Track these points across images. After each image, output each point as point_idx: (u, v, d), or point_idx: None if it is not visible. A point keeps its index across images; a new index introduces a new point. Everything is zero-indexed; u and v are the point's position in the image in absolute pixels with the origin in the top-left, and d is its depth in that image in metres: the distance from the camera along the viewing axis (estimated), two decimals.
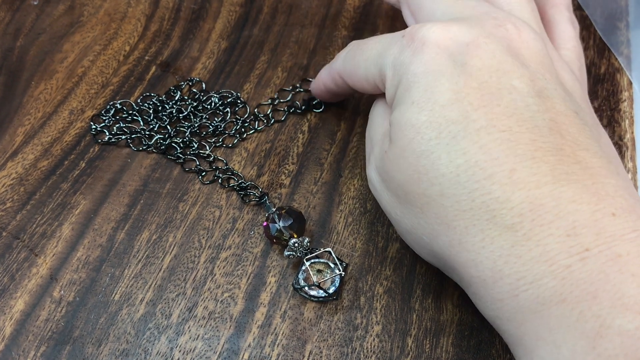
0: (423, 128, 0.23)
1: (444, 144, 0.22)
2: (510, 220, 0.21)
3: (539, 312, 0.20)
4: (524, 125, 0.22)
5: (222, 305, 0.28)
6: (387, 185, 0.25)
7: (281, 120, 0.36)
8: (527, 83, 0.23)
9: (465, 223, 0.22)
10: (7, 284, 0.29)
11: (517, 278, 0.21)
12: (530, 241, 0.21)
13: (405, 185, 0.24)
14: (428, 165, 0.23)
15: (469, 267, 0.22)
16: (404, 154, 0.24)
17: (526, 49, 0.24)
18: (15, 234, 0.31)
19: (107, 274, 0.29)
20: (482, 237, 0.22)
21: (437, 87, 0.23)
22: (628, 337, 0.18)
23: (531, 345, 0.21)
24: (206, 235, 0.31)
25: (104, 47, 0.41)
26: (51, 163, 0.34)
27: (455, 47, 0.24)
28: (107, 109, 0.37)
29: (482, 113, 0.22)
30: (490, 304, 0.22)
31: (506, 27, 0.24)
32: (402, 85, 0.25)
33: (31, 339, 0.27)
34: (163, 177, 0.33)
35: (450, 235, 0.23)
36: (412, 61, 0.24)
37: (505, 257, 0.21)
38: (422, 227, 0.24)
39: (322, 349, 0.27)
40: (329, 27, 0.42)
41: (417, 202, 0.24)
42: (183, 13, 0.43)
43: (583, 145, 0.22)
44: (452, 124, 0.22)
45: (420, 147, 0.23)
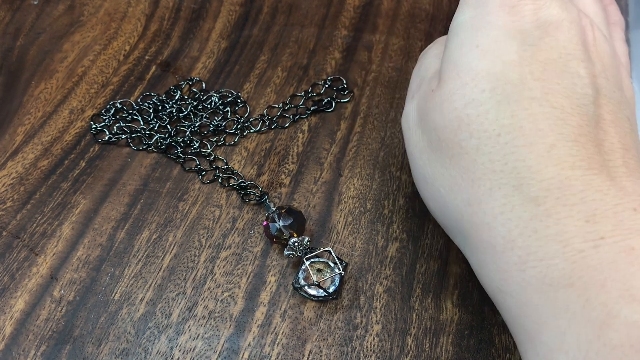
0: (480, 76, 0.23)
1: (496, 100, 0.22)
2: (535, 193, 0.21)
3: (545, 293, 0.20)
4: (576, 110, 0.22)
5: (222, 304, 0.28)
6: (423, 126, 0.25)
7: (284, 126, 0.36)
8: (590, 76, 0.23)
9: (491, 184, 0.22)
10: (7, 284, 0.29)
11: (527, 252, 0.20)
12: (550, 218, 0.20)
13: (442, 130, 0.23)
14: (473, 116, 0.22)
15: (482, 230, 0.22)
16: (451, 97, 0.23)
17: (596, 47, 0.24)
18: (15, 233, 0.31)
19: (107, 274, 0.30)
20: (504, 202, 0.21)
21: (506, 44, 0.23)
22: (634, 328, 0.18)
23: (533, 330, 0.20)
24: (206, 235, 0.31)
25: (104, 46, 0.41)
26: (51, 162, 0.34)
27: (539, 21, 0.24)
28: (107, 108, 0.37)
29: (540, 85, 0.22)
30: (495, 274, 0.22)
31: (586, 22, 0.25)
32: (475, 20, 0.24)
33: (31, 339, 0.27)
34: (163, 176, 0.34)
35: (472, 193, 0.22)
36: (496, 11, 0.24)
37: (521, 228, 0.21)
38: (445, 178, 0.23)
39: (322, 348, 0.27)
40: (329, 26, 0.42)
41: (449, 150, 0.23)
42: (183, 13, 0.43)
43: (626, 145, 0.23)
44: (509, 84, 0.22)
45: (471, 95, 0.23)
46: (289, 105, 0.37)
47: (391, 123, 0.36)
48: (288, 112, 0.36)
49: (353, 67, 0.39)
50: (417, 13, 0.43)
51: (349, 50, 0.40)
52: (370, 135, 0.35)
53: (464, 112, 0.23)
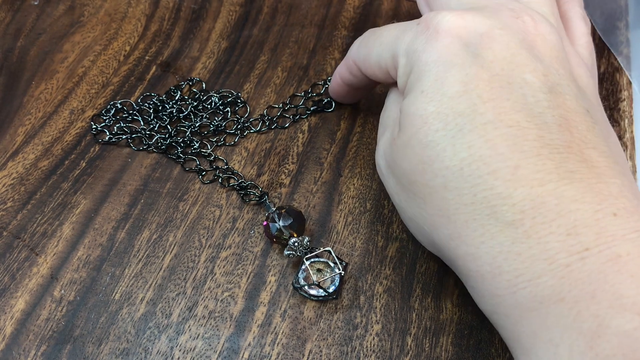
0: (430, 119, 0.23)
1: (450, 136, 0.22)
2: (511, 217, 0.21)
3: (537, 310, 0.20)
4: (532, 121, 0.22)
5: (222, 304, 0.28)
6: (392, 171, 0.26)
7: (284, 127, 0.36)
8: (539, 77, 0.23)
9: (465, 217, 0.22)
10: (7, 284, 0.29)
11: (515, 275, 0.21)
12: (531, 239, 0.20)
13: (409, 174, 0.24)
14: (433, 157, 0.23)
15: (468, 261, 0.22)
16: (410, 143, 0.24)
17: (542, 42, 0.24)
18: (16, 233, 0.31)
19: (108, 274, 0.30)
20: (482, 232, 0.21)
21: (447, 78, 0.23)
22: (626, 338, 0.18)
23: (528, 344, 0.21)
24: (206, 235, 0.31)
25: (104, 47, 0.41)
26: (52, 163, 0.34)
27: (469, 37, 0.23)
28: (108, 108, 0.37)
29: (490, 107, 0.22)
30: (488, 299, 0.22)
31: (523, 19, 0.24)
32: (414, 73, 0.24)
33: (32, 338, 0.27)
34: (163, 176, 0.34)
35: (451, 228, 0.22)
36: (425, 49, 0.24)
37: (505, 254, 0.21)
38: (424, 217, 0.24)
39: (321, 347, 0.27)
40: (329, 27, 0.42)
41: (420, 192, 0.24)
42: (183, 13, 0.43)
43: (591, 143, 0.22)
44: (459, 117, 0.22)
45: (426, 138, 0.23)
46: (289, 105, 0.37)
47: None
48: (288, 112, 0.37)
49: None
50: (417, 13, 0.43)
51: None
52: (370, 135, 0.35)
53: (425, 155, 0.23)
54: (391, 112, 0.28)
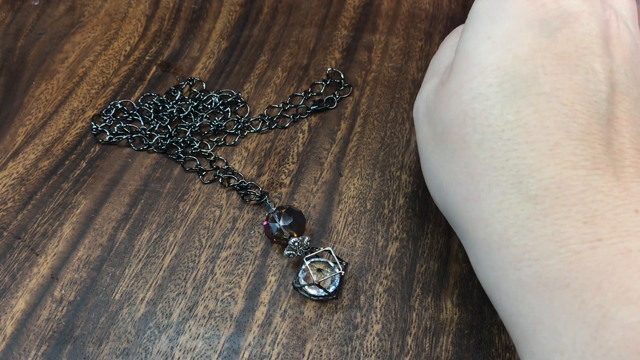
0: (488, 70, 0.22)
1: (503, 95, 0.22)
2: (534, 192, 0.21)
3: (540, 293, 0.20)
4: (586, 107, 0.21)
5: (222, 304, 0.28)
6: (430, 118, 0.25)
7: (284, 126, 0.36)
8: (606, 71, 0.22)
9: (490, 180, 0.21)
10: (8, 284, 0.29)
11: (523, 251, 0.20)
12: (547, 218, 0.20)
13: (447, 124, 0.23)
14: (478, 111, 0.22)
15: (478, 227, 0.22)
16: (459, 90, 0.23)
17: (618, 40, 0.24)
18: (16, 233, 0.31)
19: (108, 274, 0.30)
20: (502, 199, 0.21)
21: (520, 36, 0.22)
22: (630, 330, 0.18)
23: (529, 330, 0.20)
24: (206, 235, 0.31)
25: (104, 47, 0.41)
26: (52, 163, 0.34)
27: (557, 11, 0.23)
28: (108, 108, 0.37)
29: (550, 80, 0.22)
30: (491, 271, 0.22)
31: (610, 13, 0.24)
32: (492, 8, 0.23)
33: (32, 338, 0.27)
34: (163, 176, 0.34)
35: (471, 189, 0.22)
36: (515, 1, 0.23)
37: (517, 227, 0.21)
38: (446, 172, 0.23)
39: (322, 347, 0.27)
40: (329, 26, 0.42)
41: (452, 144, 0.23)
42: (183, 13, 0.43)
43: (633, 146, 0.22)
44: (518, 79, 0.22)
45: (478, 89, 0.22)
46: (289, 105, 0.37)
47: (391, 123, 0.36)
48: (288, 112, 0.37)
49: (353, 67, 0.39)
50: (417, 13, 0.43)
51: (349, 50, 0.40)
52: (370, 135, 0.35)
53: (470, 107, 0.22)
54: (445, 58, 0.27)
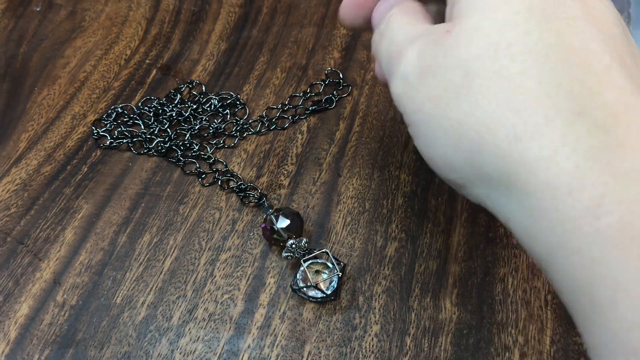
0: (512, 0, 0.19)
1: (537, 19, 0.19)
2: (602, 118, 0.17)
3: (626, 249, 0.16)
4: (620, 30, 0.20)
5: (222, 306, 0.29)
6: (435, 72, 0.21)
7: (283, 127, 0.36)
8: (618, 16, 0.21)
9: (545, 111, 0.18)
10: (11, 289, 0.30)
11: (602, 192, 0.16)
12: (625, 149, 0.17)
13: (472, 63, 0.19)
14: (513, 39, 0.19)
15: (538, 169, 0.17)
16: (482, 25, 0.20)
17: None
18: (19, 239, 0.32)
19: (109, 277, 0.30)
20: (566, 130, 0.17)
21: None
22: None
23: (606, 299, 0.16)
24: (206, 237, 0.31)
25: (105, 51, 0.41)
26: (54, 168, 0.35)
27: None
28: (109, 113, 0.37)
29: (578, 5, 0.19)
30: (556, 225, 0.17)
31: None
32: None
33: (35, 343, 0.28)
34: (164, 180, 0.34)
35: (522, 124, 0.18)
36: None
37: (592, 161, 0.17)
38: (476, 118, 0.19)
39: (320, 349, 0.27)
40: (328, 26, 0.42)
41: (483, 82, 0.19)
42: (183, 15, 0.43)
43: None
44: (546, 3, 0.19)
45: (505, 18, 0.19)
46: (288, 106, 0.37)
47: (390, 122, 0.36)
48: (287, 113, 0.37)
49: (352, 66, 0.39)
50: None
51: (348, 50, 0.40)
52: (369, 135, 0.35)
53: (502, 37, 0.19)
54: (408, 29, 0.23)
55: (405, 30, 0.23)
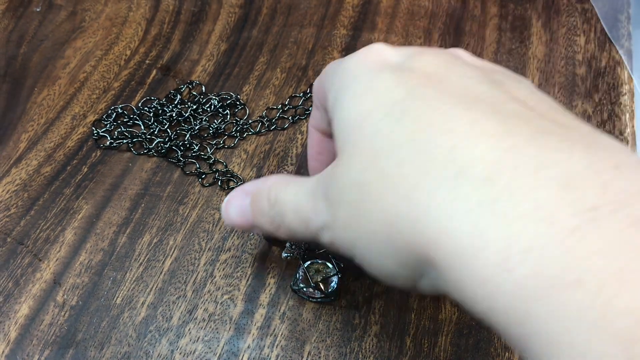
0: (371, 112, 0.21)
1: (395, 118, 0.20)
2: (484, 172, 0.17)
3: (546, 298, 0.15)
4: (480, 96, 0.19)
5: (221, 307, 0.29)
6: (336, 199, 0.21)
7: (283, 128, 0.36)
8: (480, 74, 0.21)
9: (430, 186, 0.18)
10: (11, 289, 0.30)
11: (506, 244, 0.16)
12: (516, 194, 0.16)
13: (360, 179, 0.20)
14: (384, 144, 0.20)
15: (442, 239, 0.17)
16: (356, 148, 0.21)
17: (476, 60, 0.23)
18: (19, 239, 0.32)
19: (109, 278, 0.30)
20: (454, 196, 0.17)
21: (379, 79, 0.21)
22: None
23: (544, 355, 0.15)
24: (206, 238, 0.31)
25: (105, 52, 0.41)
26: (54, 169, 0.35)
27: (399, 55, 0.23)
28: (109, 113, 0.37)
29: (432, 89, 0.20)
30: (477, 290, 0.16)
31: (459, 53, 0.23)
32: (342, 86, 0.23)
33: (35, 343, 0.28)
34: (164, 180, 0.34)
35: (414, 206, 0.18)
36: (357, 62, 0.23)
37: (488, 216, 0.16)
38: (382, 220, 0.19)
39: (320, 349, 0.27)
40: (328, 26, 0.42)
41: (376, 187, 0.20)
42: (183, 16, 0.43)
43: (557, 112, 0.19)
44: (399, 102, 0.20)
45: (371, 129, 0.20)
46: (287, 106, 0.37)
47: None
48: (287, 114, 0.37)
49: None
50: (416, 10, 0.43)
51: (348, 50, 0.40)
52: None
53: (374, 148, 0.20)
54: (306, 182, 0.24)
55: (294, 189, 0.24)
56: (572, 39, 0.40)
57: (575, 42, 0.40)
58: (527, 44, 0.40)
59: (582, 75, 0.38)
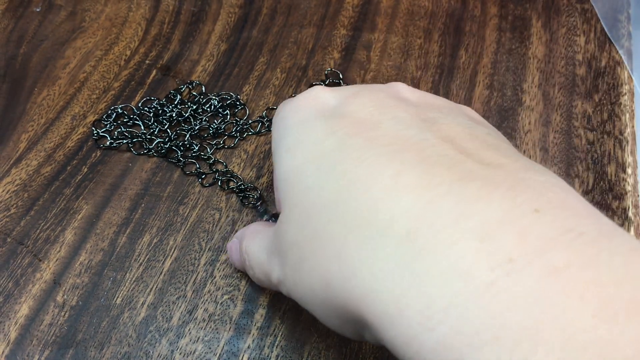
0: (302, 167, 0.21)
1: (325, 173, 0.20)
2: (404, 228, 0.17)
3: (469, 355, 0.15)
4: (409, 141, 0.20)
5: (221, 307, 0.29)
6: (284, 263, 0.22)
7: None
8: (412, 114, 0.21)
9: (356, 244, 0.18)
10: (11, 289, 0.30)
11: (427, 304, 0.16)
12: (433, 252, 0.16)
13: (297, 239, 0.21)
14: (315, 202, 0.20)
15: (370, 299, 0.17)
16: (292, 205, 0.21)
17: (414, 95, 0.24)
18: (19, 239, 0.32)
19: (109, 278, 0.30)
20: (377, 255, 0.17)
21: (309, 131, 0.22)
22: None
23: None
24: (206, 238, 0.31)
25: (105, 52, 0.41)
26: (54, 169, 0.35)
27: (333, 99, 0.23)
28: (109, 113, 0.37)
29: (360, 138, 0.20)
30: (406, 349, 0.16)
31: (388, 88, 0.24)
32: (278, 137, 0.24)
33: (35, 344, 0.28)
34: (164, 180, 0.34)
35: (343, 266, 0.18)
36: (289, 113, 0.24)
37: (408, 276, 0.16)
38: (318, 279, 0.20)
39: (320, 350, 0.27)
40: (328, 26, 0.42)
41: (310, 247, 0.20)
42: (183, 16, 0.43)
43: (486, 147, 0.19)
44: (328, 155, 0.21)
45: (302, 186, 0.21)
46: None
47: None
48: None
49: (352, 66, 0.39)
50: (416, 10, 0.43)
51: (348, 50, 0.40)
52: None
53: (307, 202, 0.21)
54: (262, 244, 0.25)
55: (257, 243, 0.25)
56: (572, 39, 0.40)
57: (575, 42, 0.40)
58: (527, 44, 0.40)
59: (582, 75, 0.38)
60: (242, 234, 0.28)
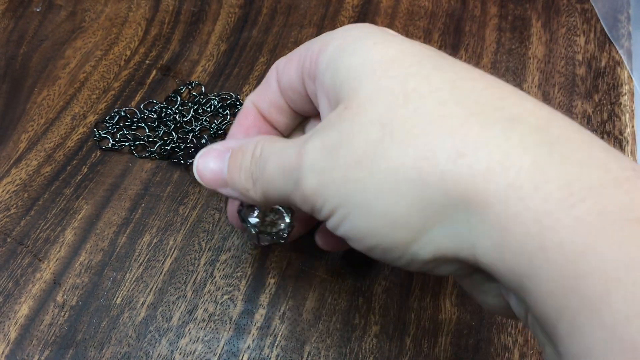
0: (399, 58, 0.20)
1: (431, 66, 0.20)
2: (536, 122, 0.18)
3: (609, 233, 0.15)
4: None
5: (221, 307, 0.29)
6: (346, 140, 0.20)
7: None
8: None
9: (480, 124, 0.18)
10: (11, 289, 0.30)
11: (568, 181, 0.16)
12: (569, 143, 0.17)
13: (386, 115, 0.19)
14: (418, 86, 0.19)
15: (495, 173, 0.17)
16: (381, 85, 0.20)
17: None
18: (19, 239, 0.32)
19: (109, 278, 0.30)
20: (508, 135, 0.17)
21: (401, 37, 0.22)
22: None
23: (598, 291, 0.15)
24: (206, 238, 0.31)
25: (105, 52, 0.41)
26: (54, 169, 0.35)
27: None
28: (112, 115, 0.37)
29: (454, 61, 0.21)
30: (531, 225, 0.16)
31: None
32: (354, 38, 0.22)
33: (35, 343, 0.28)
34: (164, 180, 0.34)
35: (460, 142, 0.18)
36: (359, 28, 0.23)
37: (547, 156, 0.17)
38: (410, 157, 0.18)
39: (320, 349, 0.27)
40: (328, 26, 0.42)
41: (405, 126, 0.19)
42: (183, 16, 0.43)
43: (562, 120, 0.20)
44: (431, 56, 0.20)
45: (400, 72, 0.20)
46: None
47: None
48: None
49: None
50: (415, 10, 0.43)
51: None
52: None
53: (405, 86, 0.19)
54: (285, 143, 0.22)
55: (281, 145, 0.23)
56: (572, 39, 0.40)
57: (575, 42, 0.40)
58: (527, 44, 0.40)
59: (582, 76, 0.38)
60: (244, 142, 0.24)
